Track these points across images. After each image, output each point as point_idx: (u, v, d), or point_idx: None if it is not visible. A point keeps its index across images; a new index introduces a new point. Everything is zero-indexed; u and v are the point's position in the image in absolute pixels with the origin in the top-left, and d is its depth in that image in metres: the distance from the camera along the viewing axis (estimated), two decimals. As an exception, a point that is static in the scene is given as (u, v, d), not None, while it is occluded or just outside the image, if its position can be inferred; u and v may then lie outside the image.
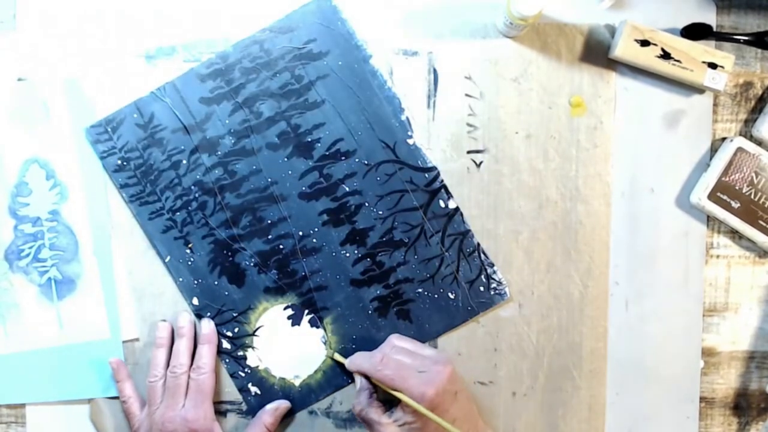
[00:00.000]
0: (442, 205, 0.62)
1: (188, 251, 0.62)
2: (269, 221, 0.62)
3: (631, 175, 0.63)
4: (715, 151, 0.63)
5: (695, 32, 0.61)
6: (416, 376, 0.55)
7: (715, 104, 0.63)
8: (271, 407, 0.61)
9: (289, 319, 0.62)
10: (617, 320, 0.64)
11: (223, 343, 0.62)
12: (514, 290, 0.63)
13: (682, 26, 0.62)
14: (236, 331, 0.62)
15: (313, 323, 0.62)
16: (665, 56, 0.60)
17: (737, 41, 0.61)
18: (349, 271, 0.62)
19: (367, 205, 0.62)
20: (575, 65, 0.63)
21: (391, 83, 0.62)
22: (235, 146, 0.61)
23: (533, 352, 0.63)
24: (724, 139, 0.63)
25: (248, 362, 0.62)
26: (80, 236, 0.62)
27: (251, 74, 0.61)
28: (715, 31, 0.62)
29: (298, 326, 0.62)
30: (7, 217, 0.62)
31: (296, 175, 0.62)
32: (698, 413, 0.64)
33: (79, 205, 0.62)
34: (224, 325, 0.62)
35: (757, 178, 0.61)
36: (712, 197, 0.61)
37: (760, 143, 0.62)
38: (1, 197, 0.62)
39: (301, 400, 0.62)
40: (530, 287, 0.63)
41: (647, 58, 0.60)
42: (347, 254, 0.62)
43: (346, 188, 0.62)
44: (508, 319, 0.63)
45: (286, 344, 0.62)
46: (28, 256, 0.62)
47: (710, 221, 0.64)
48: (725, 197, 0.61)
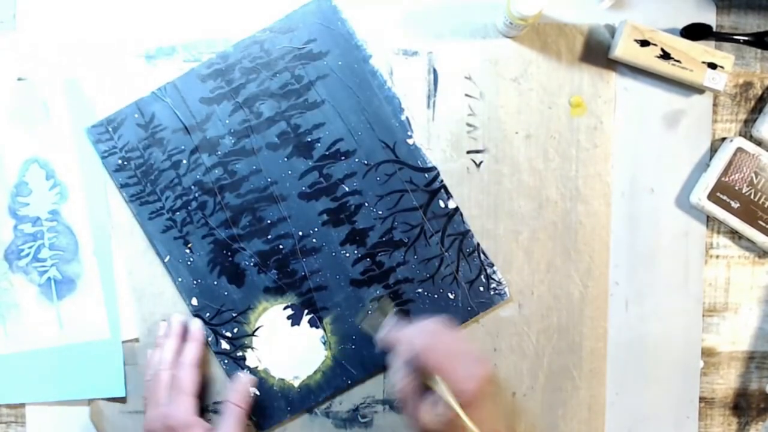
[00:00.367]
0: (441, 205, 0.62)
1: (188, 251, 0.62)
2: (269, 221, 0.62)
3: (631, 175, 0.63)
4: (714, 151, 0.63)
5: (695, 32, 0.61)
6: (463, 367, 0.52)
7: (715, 104, 0.63)
8: (234, 385, 0.60)
9: (288, 319, 0.62)
10: (617, 320, 0.64)
11: (222, 343, 0.62)
12: (514, 290, 0.63)
13: (682, 26, 0.62)
14: (235, 331, 0.62)
15: (312, 323, 0.62)
16: (665, 56, 0.60)
17: (737, 41, 0.61)
18: (348, 271, 0.62)
19: (366, 205, 0.62)
20: (575, 65, 0.63)
21: (390, 83, 0.62)
22: (235, 146, 0.61)
23: (533, 352, 0.63)
24: (724, 139, 0.63)
25: (247, 363, 0.62)
26: (80, 236, 0.62)
27: (251, 74, 0.61)
28: (714, 31, 0.62)
29: (297, 326, 0.62)
30: (7, 217, 0.62)
31: (296, 175, 0.62)
32: (698, 413, 0.64)
33: (79, 205, 0.62)
34: (223, 325, 0.62)
35: (756, 178, 0.61)
36: (711, 197, 0.61)
37: (759, 143, 0.62)
38: (1, 197, 0.62)
39: (300, 401, 0.62)
40: (530, 287, 0.63)
41: (647, 58, 0.60)
42: (347, 254, 0.62)
43: (345, 188, 0.62)
44: (508, 319, 0.63)
45: (285, 344, 0.62)
46: (28, 256, 0.62)
47: (710, 221, 0.64)
48: (725, 197, 0.61)
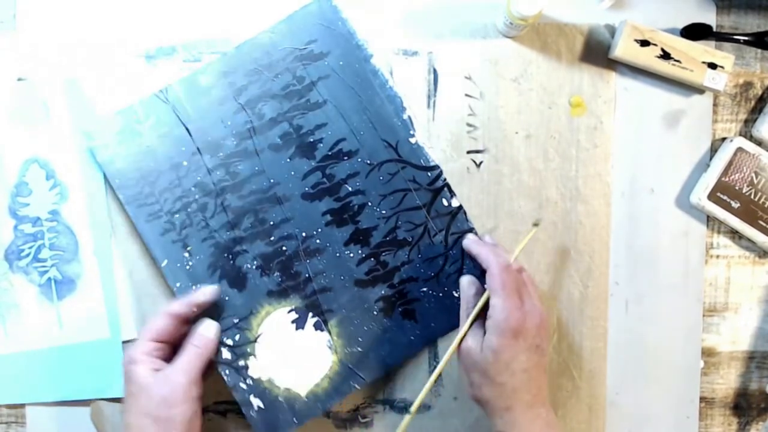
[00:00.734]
0: (445, 203, 0.62)
1: (186, 255, 0.60)
2: (272, 222, 0.61)
3: (631, 175, 0.63)
4: (715, 151, 0.63)
5: (695, 32, 0.61)
6: (522, 302, 0.53)
7: (715, 104, 0.63)
8: (194, 329, 0.57)
9: (293, 323, 0.61)
10: (617, 320, 0.64)
11: (223, 352, 0.60)
12: (514, 290, 0.63)
13: (682, 26, 0.62)
14: (237, 338, 0.60)
15: (318, 326, 0.61)
16: (665, 56, 0.60)
17: (737, 41, 0.61)
18: (353, 271, 0.61)
19: (370, 204, 0.61)
20: (575, 65, 0.63)
21: (392, 83, 0.62)
22: (237, 147, 0.61)
23: (533, 352, 0.63)
24: (724, 139, 0.63)
25: (250, 372, 0.60)
26: (80, 236, 0.62)
27: (253, 76, 0.61)
28: (715, 31, 0.62)
29: (302, 330, 0.61)
30: (7, 217, 0.62)
31: (299, 175, 0.61)
32: (698, 413, 0.64)
33: (79, 205, 0.62)
34: (225, 332, 0.60)
35: (757, 178, 0.61)
36: (712, 197, 0.61)
37: (760, 143, 0.62)
38: (1, 197, 0.62)
39: (307, 410, 0.60)
40: (530, 287, 0.63)
41: (647, 58, 0.60)
42: (351, 254, 0.61)
43: (349, 188, 0.61)
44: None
45: (290, 351, 0.60)
46: (28, 256, 0.62)
47: (710, 221, 0.64)
48: (725, 197, 0.61)
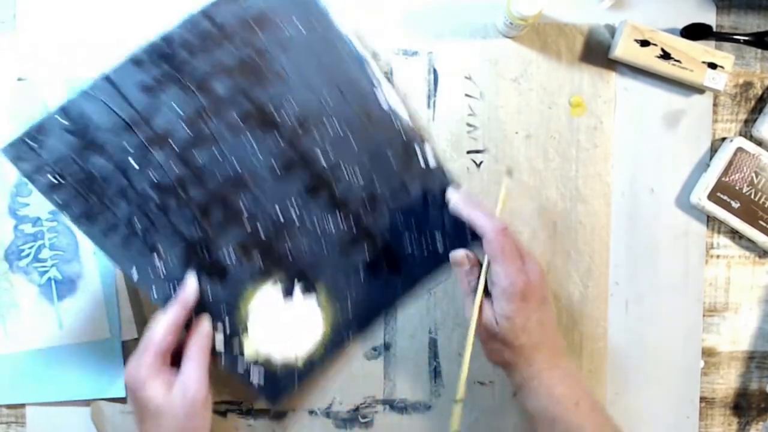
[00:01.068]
0: (421, 163, 0.60)
1: (158, 263, 0.56)
2: (243, 208, 0.57)
3: (631, 175, 0.63)
4: (715, 151, 0.63)
5: (695, 32, 0.61)
6: (522, 262, 0.53)
7: (715, 104, 0.63)
8: (194, 330, 0.55)
9: (280, 293, 0.59)
10: (617, 320, 0.64)
11: (216, 342, 0.58)
12: (514, 290, 0.63)
13: (682, 26, 0.62)
14: (228, 324, 0.58)
15: (304, 290, 0.59)
16: (665, 56, 0.60)
17: (737, 41, 0.62)
18: (334, 237, 0.59)
19: (344, 171, 0.59)
20: (575, 65, 0.63)
21: (357, 45, 0.59)
22: (191, 135, 0.56)
23: (533, 352, 0.63)
24: (724, 139, 0.63)
25: (246, 353, 0.59)
26: (80, 236, 0.62)
27: (200, 52, 0.56)
28: (715, 31, 0.62)
29: (290, 298, 0.59)
30: (7, 217, 0.62)
31: (266, 154, 0.57)
32: (698, 413, 0.64)
33: (79, 205, 0.62)
34: (215, 321, 0.57)
35: (757, 178, 0.61)
36: (712, 197, 0.61)
37: (760, 143, 0.62)
38: (1, 197, 0.62)
39: (306, 373, 0.60)
40: (530, 287, 0.63)
41: (647, 58, 0.60)
42: (330, 223, 0.59)
43: (321, 159, 0.59)
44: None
45: (282, 323, 0.60)
46: (28, 256, 0.62)
47: (710, 221, 0.64)
48: (725, 197, 0.61)
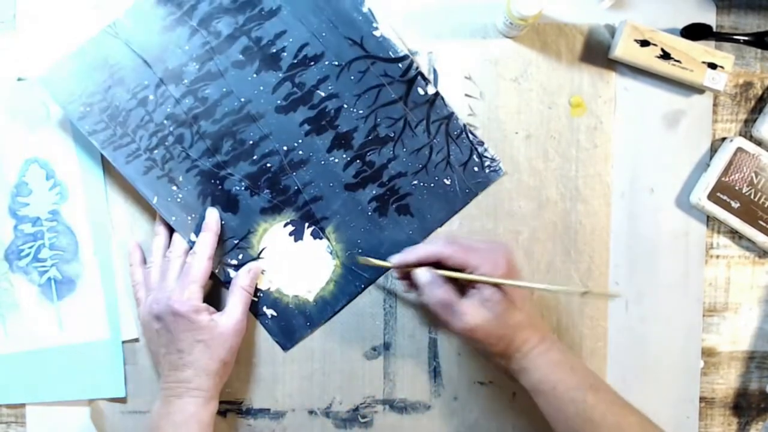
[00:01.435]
0: (421, 92, 0.61)
1: (175, 188, 0.60)
2: (251, 142, 0.60)
3: (631, 175, 0.63)
4: (715, 151, 0.63)
5: (695, 32, 0.61)
6: (486, 251, 0.55)
7: (715, 104, 0.63)
8: (244, 269, 0.60)
9: (291, 235, 0.61)
10: (617, 320, 0.64)
11: (229, 272, 0.61)
12: (514, 290, 0.63)
13: (682, 26, 0.62)
14: (240, 257, 0.61)
15: (315, 235, 0.61)
16: (665, 56, 0.60)
17: (737, 41, 0.61)
18: (341, 176, 0.61)
19: (346, 107, 0.60)
20: (575, 65, 0.63)
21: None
22: (200, 71, 0.59)
23: (533, 352, 0.63)
24: (724, 139, 0.63)
25: (259, 286, 0.61)
26: (80, 236, 0.62)
27: None
28: (715, 31, 0.62)
29: (301, 241, 0.61)
30: (7, 217, 0.62)
31: (268, 89, 0.60)
32: (698, 413, 0.64)
33: (79, 205, 0.62)
34: (227, 254, 0.61)
35: (756, 178, 0.61)
36: (712, 197, 0.61)
37: (760, 143, 0.62)
38: (1, 197, 0.62)
39: (318, 314, 0.62)
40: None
41: (647, 58, 0.60)
42: (336, 160, 0.61)
43: (321, 93, 0.60)
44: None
45: (292, 261, 0.62)
46: (28, 256, 0.62)
47: (710, 221, 0.64)
48: (725, 197, 0.61)
